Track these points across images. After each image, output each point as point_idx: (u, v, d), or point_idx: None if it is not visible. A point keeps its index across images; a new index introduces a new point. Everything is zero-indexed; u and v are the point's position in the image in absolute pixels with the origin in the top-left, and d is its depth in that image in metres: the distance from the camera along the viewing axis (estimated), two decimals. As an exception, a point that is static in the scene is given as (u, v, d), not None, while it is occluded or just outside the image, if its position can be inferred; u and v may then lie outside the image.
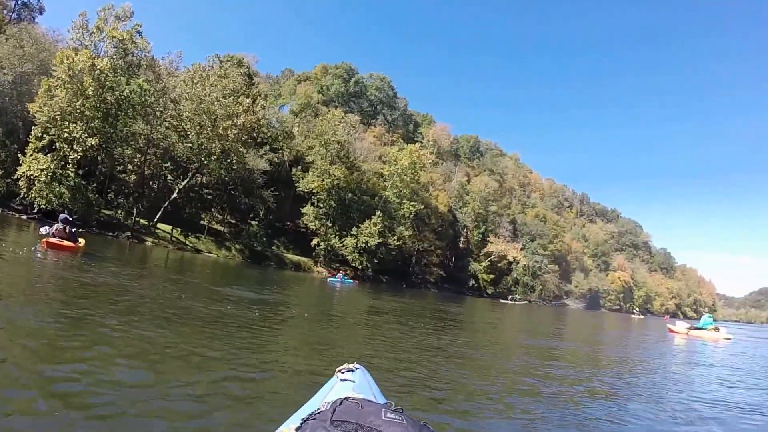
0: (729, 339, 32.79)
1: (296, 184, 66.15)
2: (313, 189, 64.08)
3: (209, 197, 60.27)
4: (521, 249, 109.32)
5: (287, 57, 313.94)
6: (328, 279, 51.19)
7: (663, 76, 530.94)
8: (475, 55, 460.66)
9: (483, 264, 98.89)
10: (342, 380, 3.29)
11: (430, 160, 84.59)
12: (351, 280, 54.01)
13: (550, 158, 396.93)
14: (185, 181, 54.25)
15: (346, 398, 1.98)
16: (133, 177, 53.00)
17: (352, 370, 3.42)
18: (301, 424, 1.86)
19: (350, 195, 67.31)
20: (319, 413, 1.90)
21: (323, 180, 63.48)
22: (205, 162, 53.13)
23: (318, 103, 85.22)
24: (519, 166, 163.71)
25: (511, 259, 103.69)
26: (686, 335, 34.13)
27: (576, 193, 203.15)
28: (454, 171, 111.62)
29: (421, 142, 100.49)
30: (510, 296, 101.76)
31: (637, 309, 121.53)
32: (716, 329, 34.42)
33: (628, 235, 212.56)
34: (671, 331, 37.26)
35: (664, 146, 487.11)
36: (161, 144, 52.82)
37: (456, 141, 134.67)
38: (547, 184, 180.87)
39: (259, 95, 61.32)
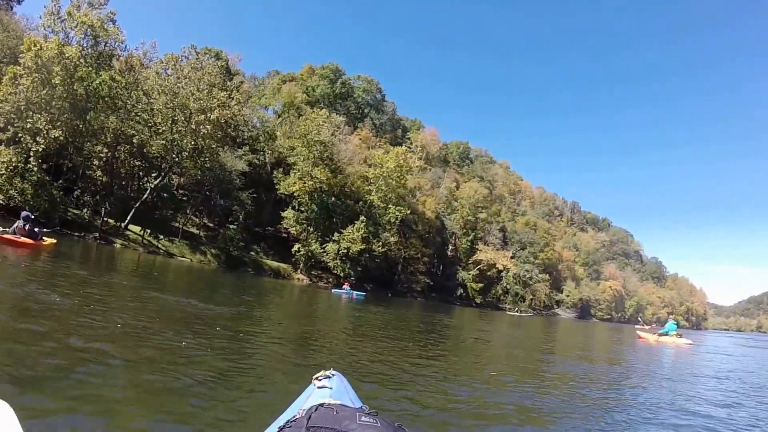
0: (690, 344, 34.38)
1: (277, 187, 63.71)
2: (294, 192, 61.84)
3: (184, 198, 57.91)
4: (511, 257, 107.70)
5: (274, 59, 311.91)
6: (334, 290, 49.05)
7: (655, 83, 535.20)
8: (466, 60, 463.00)
9: (472, 272, 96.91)
10: (319, 387, 3.25)
11: (417, 164, 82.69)
12: (360, 293, 51.17)
13: (541, 167, 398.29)
14: (157, 180, 51.74)
15: (321, 404, 2.08)
16: (99, 173, 50.30)
17: (329, 377, 3.39)
18: None
19: (333, 199, 65.00)
20: (294, 421, 1.97)
21: (305, 182, 61.20)
22: (177, 159, 50.88)
23: (303, 103, 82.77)
24: (509, 173, 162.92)
25: (501, 268, 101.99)
26: (655, 342, 35.35)
27: (567, 201, 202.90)
28: (442, 177, 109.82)
29: (409, 147, 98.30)
30: (517, 308, 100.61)
31: (641, 319, 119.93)
32: (679, 335, 36.48)
33: (619, 244, 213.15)
34: (641, 338, 38.08)
35: (655, 156, 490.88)
36: (132, 140, 50.21)
37: (445, 147, 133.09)
38: (537, 192, 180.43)
39: (236, 89, 58.91)
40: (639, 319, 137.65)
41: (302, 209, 63.02)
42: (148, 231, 49.34)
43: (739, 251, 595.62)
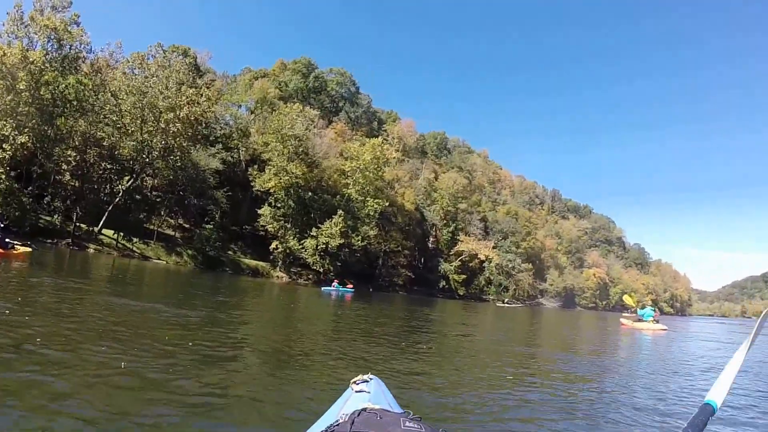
0: (665, 330, 36.25)
1: (252, 184, 63.60)
2: (270, 188, 61.78)
3: (157, 199, 57.54)
4: (493, 247, 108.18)
5: (247, 57, 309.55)
6: (323, 288, 48.95)
7: (632, 61, 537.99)
8: (441, 49, 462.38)
9: (454, 264, 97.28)
10: (357, 392, 3.17)
11: (395, 156, 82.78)
12: (349, 290, 51.37)
13: (521, 155, 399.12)
14: (129, 182, 51.38)
15: (364, 409, 2.04)
16: (70, 178, 49.84)
17: (367, 381, 3.30)
18: None
19: (310, 194, 65.01)
20: (338, 425, 1.93)
21: (281, 178, 61.15)
22: (148, 160, 50.61)
23: (276, 98, 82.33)
24: (488, 162, 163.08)
25: (483, 258, 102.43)
26: (632, 327, 37.27)
27: (547, 189, 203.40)
28: (420, 168, 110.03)
29: (386, 139, 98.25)
30: (507, 300, 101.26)
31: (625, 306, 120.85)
32: (656, 321, 38.14)
33: (601, 231, 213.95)
34: (623, 325, 39.29)
35: (634, 141, 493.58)
36: (102, 143, 49.82)
37: (422, 138, 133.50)
38: (517, 180, 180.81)
39: (207, 87, 58.56)
40: (624, 303, 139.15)
41: (279, 205, 62.95)
42: (122, 234, 49.04)
43: (721, 236, 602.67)
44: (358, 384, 3.28)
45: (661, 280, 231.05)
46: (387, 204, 73.58)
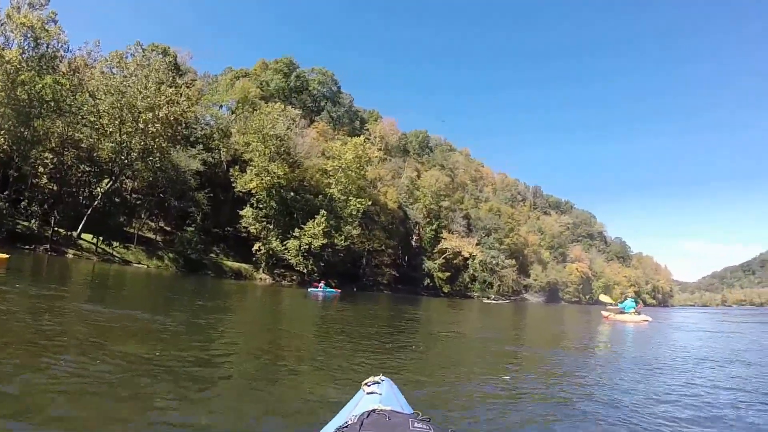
0: (647, 321, 36.42)
1: (234, 185, 62.87)
2: (251, 189, 61.14)
3: (137, 202, 56.69)
4: (477, 244, 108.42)
5: (230, 57, 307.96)
6: (309, 290, 48.43)
7: (613, 57, 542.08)
8: (423, 44, 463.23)
9: (437, 262, 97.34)
10: (368, 393, 3.22)
11: (377, 155, 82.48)
12: (333, 290, 50.99)
13: (501, 153, 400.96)
14: (108, 185, 50.45)
15: (373, 410, 2.08)
16: (47, 181, 48.92)
17: (378, 383, 3.35)
18: None
19: (292, 194, 64.50)
20: (347, 426, 1.99)
21: (262, 178, 60.59)
22: (127, 161, 49.81)
23: (257, 98, 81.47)
24: (470, 160, 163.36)
25: (467, 255, 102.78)
26: (614, 320, 37.46)
27: (529, 186, 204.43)
28: (403, 167, 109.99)
29: (368, 138, 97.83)
30: (493, 296, 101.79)
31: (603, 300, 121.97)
32: (638, 312, 38.69)
33: (583, 226, 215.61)
34: (606, 318, 39.27)
35: (614, 138, 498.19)
36: (80, 144, 48.95)
37: (404, 137, 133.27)
38: (499, 178, 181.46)
39: (187, 86, 57.75)
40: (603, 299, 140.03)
41: (261, 206, 62.37)
42: (101, 239, 48.16)
43: (700, 228, 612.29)
44: (369, 385, 3.33)
45: (642, 272, 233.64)
46: (370, 203, 73.37)
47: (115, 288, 24.40)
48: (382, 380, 3.41)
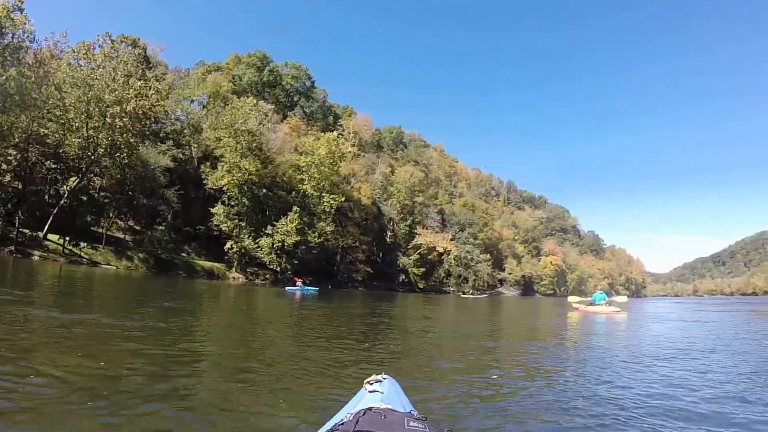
0: (618, 311, 37.20)
1: (205, 182, 61.89)
2: (223, 186, 60.21)
3: (105, 201, 55.31)
4: (451, 239, 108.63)
5: (202, 51, 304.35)
6: (287, 288, 47.58)
7: (585, 57, 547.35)
8: (398, 40, 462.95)
9: (412, 257, 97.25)
10: (370, 392, 3.18)
11: (350, 150, 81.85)
12: (313, 288, 50.06)
13: (476, 149, 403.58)
14: (75, 183, 49.02)
15: (369, 408, 2.10)
16: (9, 178, 47.28)
17: (380, 381, 3.34)
18: None
19: (264, 191, 63.68)
20: (342, 424, 1.98)
21: (234, 175, 59.62)
22: (94, 158, 48.39)
23: (229, 93, 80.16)
24: (444, 156, 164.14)
25: (442, 251, 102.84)
26: (585, 311, 38.58)
27: (503, 181, 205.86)
28: (377, 162, 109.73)
29: (342, 133, 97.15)
30: (470, 291, 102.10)
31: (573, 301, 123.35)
32: (608, 304, 39.68)
33: (556, 220, 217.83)
34: (576, 309, 40.46)
35: (585, 134, 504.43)
36: (46, 140, 47.42)
37: (378, 132, 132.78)
38: (473, 173, 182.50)
39: (157, 80, 56.36)
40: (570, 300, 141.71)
41: (232, 203, 61.39)
42: (68, 239, 46.83)
43: (671, 221, 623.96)
44: (371, 384, 3.29)
45: (615, 264, 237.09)
46: (343, 199, 73.00)
47: (79, 291, 23.23)
48: (384, 378, 3.42)
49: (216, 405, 6.02)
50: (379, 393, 3.13)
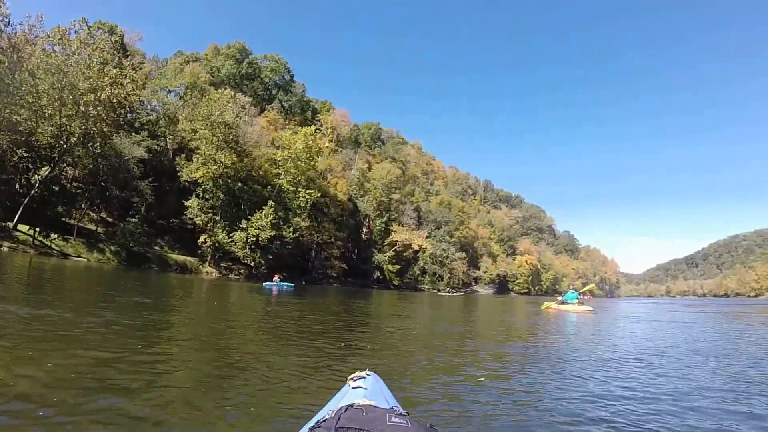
0: (590, 310, 38.26)
1: (179, 174, 61.16)
2: (197, 178, 59.42)
3: (78, 191, 54.48)
4: (427, 237, 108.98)
5: (181, 40, 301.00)
6: (264, 284, 47.23)
7: (556, 66, 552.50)
8: (377, 41, 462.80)
9: (387, 254, 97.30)
10: (354, 388, 3.23)
11: (327, 145, 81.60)
12: (290, 284, 49.75)
13: (454, 147, 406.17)
14: (47, 173, 48.13)
15: (351, 405, 2.09)
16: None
17: (364, 377, 3.38)
18: None
19: (240, 184, 63.06)
20: (324, 421, 1.99)
21: (209, 168, 59.01)
22: (66, 147, 47.57)
23: (207, 84, 79.17)
24: (422, 153, 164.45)
25: (417, 248, 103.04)
26: (558, 309, 39.32)
27: (479, 180, 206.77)
28: (354, 158, 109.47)
29: (319, 128, 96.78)
30: (448, 289, 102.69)
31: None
32: (580, 303, 41.37)
33: (532, 220, 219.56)
34: (549, 308, 40.72)
35: (559, 134, 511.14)
36: (18, 128, 46.43)
37: (356, 128, 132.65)
38: (450, 171, 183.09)
39: (134, 68, 55.55)
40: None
41: (207, 197, 60.69)
42: (39, 230, 46.05)
43: (646, 224, 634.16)
44: (355, 380, 3.33)
45: (590, 264, 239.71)
46: (319, 195, 72.57)
47: (47, 284, 22.42)
48: (368, 375, 3.45)
49: (180, 411, 5.41)
50: (363, 389, 3.18)
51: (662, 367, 10.87)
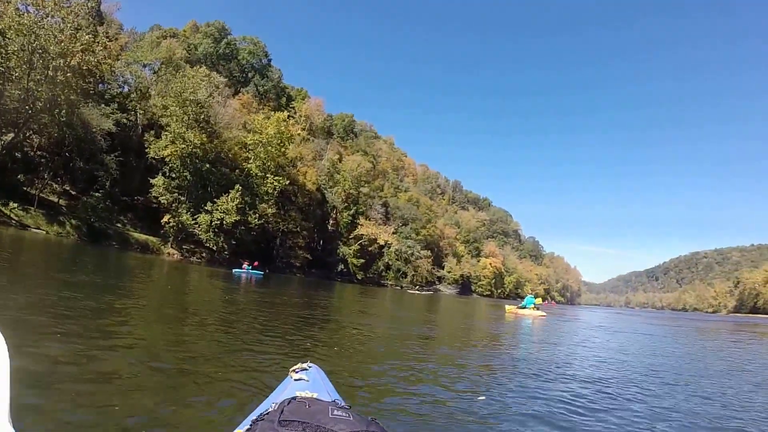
0: (543, 316, 39.99)
1: (147, 151, 60.21)
2: (165, 156, 58.50)
3: (42, 161, 53.33)
4: (393, 233, 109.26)
5: (161, 14, 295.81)
6: (234, 270, 46.70)
7: (527, 71, 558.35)
8: (358, 31, 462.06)
9: (353, 248, 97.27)
10: (295, 380, 3.26)
11: (299, 133, 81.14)
12: (260, 272, 49.37)
13: (425, 145, 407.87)
14: (11, 138, 46.93)
15: (294, 398, 2.07)
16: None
17: (306, 369, 3.41)
18: (251, 425, 1.93)
19: (208, 166, 62.34)
20: (267, 414, 1.97)
21: (177, 146, 58.18)
22: (31, 112, 46.39)
23: (182, 60, 77.90)
24: (393, 149, 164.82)
25: (383, 243, 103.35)
26: (516, 313, 41.64)
27: (449, 180, 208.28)
28: (325, 149, 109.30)
29: (293, 116, 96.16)
30: (417, 287, 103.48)
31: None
32: (536, 308, 42.83)
33: (499, 223, 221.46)
34: (509, 312, 43.31)
35: (531, 139, 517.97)
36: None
37: (330, 118, 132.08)
38: (420, 169, 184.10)
39: (108, 38, 54.40)
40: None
41: (173, 176, 59.72)
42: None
43: (608, 235, 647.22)
44: (297, 372, 3.35)
45: (553, 271, 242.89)
46: (288, 182, 72.52)
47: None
48: (310, 367, 3.47)
49: (126, 405, 4.85)
50: (305, 381, 3.21)
51: (599, 379, 10.69)
